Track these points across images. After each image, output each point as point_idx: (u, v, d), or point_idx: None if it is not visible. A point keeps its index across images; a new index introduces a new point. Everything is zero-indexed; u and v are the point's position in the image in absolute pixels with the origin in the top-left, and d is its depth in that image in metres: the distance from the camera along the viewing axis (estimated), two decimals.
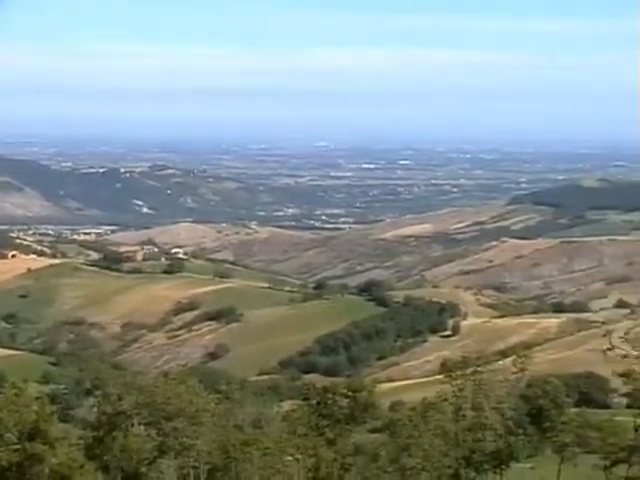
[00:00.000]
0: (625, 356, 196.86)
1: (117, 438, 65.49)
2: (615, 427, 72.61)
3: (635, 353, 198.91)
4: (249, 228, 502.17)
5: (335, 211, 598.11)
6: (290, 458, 67.99)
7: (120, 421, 67.41)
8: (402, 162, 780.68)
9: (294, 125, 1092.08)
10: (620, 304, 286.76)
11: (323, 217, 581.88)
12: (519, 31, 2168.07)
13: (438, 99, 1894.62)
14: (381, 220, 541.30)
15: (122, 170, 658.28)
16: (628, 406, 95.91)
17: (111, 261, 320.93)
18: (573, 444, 70.69)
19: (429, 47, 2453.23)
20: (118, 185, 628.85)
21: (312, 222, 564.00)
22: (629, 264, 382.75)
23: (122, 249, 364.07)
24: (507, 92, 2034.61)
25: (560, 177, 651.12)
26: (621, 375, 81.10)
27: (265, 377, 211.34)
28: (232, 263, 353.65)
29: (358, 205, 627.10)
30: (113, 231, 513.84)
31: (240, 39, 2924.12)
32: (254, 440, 66.11)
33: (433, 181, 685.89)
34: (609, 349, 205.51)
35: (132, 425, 67.84)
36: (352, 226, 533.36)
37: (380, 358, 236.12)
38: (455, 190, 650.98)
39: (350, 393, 72.68)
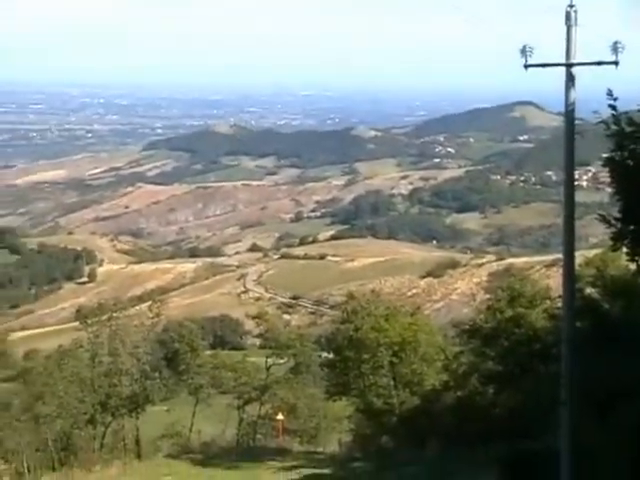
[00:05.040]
0: (258, 299, 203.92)
1: None
2: (248, 367, 74.63)
3: (268, 295, 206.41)
4: None
5: None
6: None
7: None
8: (34, 106, 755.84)
9: None
10: (254, 248, 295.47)
11: None
12: None
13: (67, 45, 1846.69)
14: (13, 166, 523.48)
15: None
16: (261, 347, 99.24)
17: None
18: (208, 386, 72.08)
19: None
20: None
21: None
22: (262, 209, 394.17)
23: None
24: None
25: (195, 123, 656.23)
26: (254, 317, 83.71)
27: None
28: None
29: None
30: None
31: None
32: None
33: (67, 126, 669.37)
34: (243, 292, 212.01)
35: None
36: None
37: (13, 307, 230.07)
38: (90, 135, 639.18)
39: None
